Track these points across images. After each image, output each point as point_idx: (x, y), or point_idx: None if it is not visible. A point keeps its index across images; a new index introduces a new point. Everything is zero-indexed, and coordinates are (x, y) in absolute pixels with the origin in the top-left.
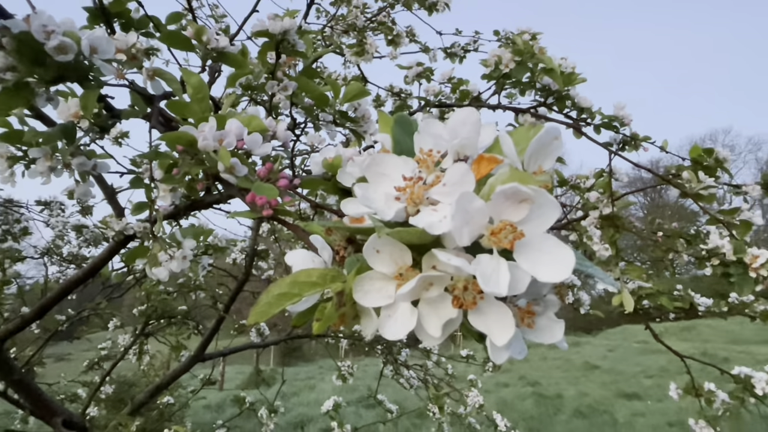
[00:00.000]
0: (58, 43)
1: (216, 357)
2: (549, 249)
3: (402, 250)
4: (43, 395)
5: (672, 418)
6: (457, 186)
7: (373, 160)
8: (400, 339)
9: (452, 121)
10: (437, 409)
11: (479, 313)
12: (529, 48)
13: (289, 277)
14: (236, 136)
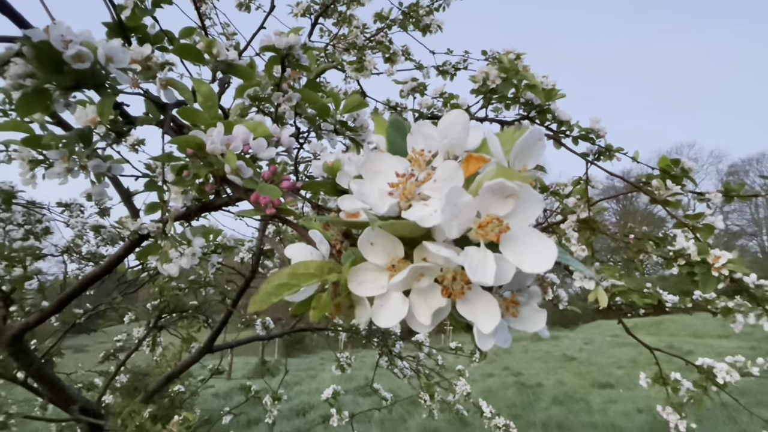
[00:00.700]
0: (75, 52)
1: (224, 349)
2: (533, 242)
3: (394, 243)
4: (60, 384)
5: (641, 405)
6: (447, 182)
7: (368, 158)
8: (392, 327)
9: (443, 123)
10: (428, 396)
11: (467, 303)
12: (514, 66)
13: (288, 268)
14: (242, 141)
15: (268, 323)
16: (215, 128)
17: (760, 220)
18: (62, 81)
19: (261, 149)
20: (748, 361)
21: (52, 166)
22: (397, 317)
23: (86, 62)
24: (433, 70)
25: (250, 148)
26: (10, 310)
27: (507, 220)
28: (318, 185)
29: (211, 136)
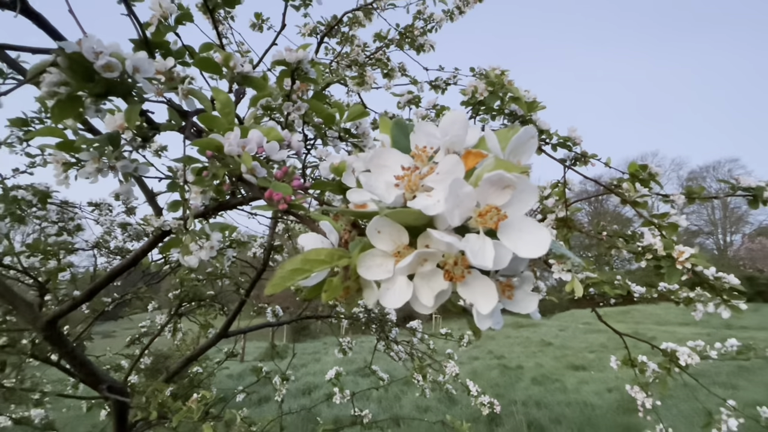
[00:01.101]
0: (105, 62)
1: (238, 334)
2: (528, 229)
3: (400, 231)
4: (91, 365)
5: (611, 385)
6: (449, 174)
7: (375, 153)
8: (395, 309)
9: (443, 122)
10: (421, 377)
11: (467, 286)
12: (500, 80)
13: (300, 255)
14: (257, 144)
15: (277, 311)
16: (232, 132)
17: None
18: (93, 89)
19: (274, 151)
20: (707, 345)
21: (84, 167)
22: (403, 299)
23: (115, 72)
24: (427, 84)
25: (263, 150)
26: (45, 298)
27: (505, 210)
28: (325, 184)
29: (229, 139)
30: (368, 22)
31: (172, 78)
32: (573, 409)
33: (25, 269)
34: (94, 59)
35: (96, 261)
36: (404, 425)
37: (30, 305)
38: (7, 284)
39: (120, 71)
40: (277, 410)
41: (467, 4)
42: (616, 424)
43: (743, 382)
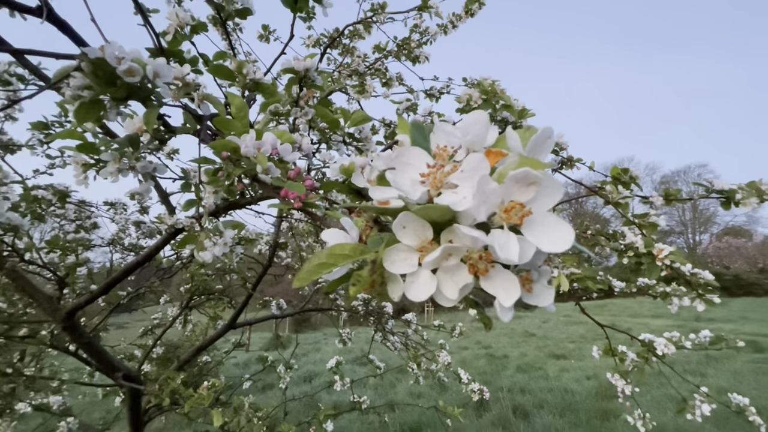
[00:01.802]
0: (127, 67)
1: (245, 325)
2: (551, 225)
3: (424, 227)
4: (107, 354)
5: (589, 373)
6: (474, 172)
7: (400, 152)
8: (422, 300)
9: (464, 122)
10: (415, 365)
11: (490, 280)
12: (493, 89)
13: (326, 249)
14: (271, 146)
15: (281, 304)
16: (248, 135)
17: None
18: (115, 93)
19: (287, 153)
20: (681, 336)
21: (105, 167)
22: (428, 292)
23: (136, 77)
24: (422, 93)
25: (277, 152)
26: (64, 292)
27: (529, 206)
28: (334, 185)
29: (245, 141)
30: (367, 35)
31: (188, 84)
32: (555, 395)
33: (45, 264)
34: (117, 64)
35: (112, 257)
36: (399, 410)
37: (50, 298)
38: (28, 278)
39: (141, 76)
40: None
41: (459, 19)
42: (594, 409)
43: (711, 370)
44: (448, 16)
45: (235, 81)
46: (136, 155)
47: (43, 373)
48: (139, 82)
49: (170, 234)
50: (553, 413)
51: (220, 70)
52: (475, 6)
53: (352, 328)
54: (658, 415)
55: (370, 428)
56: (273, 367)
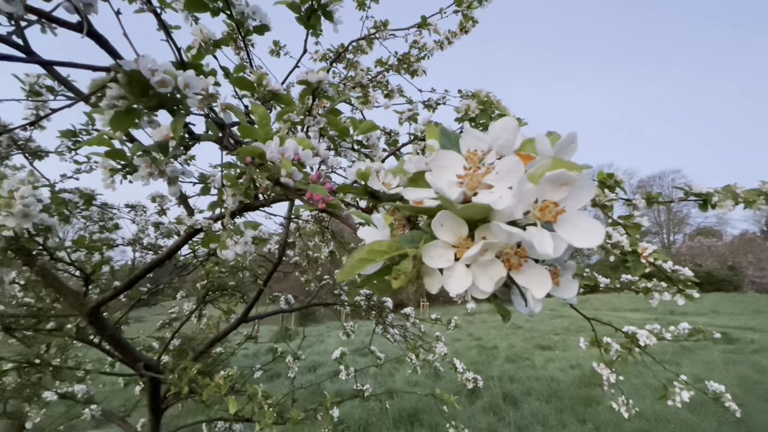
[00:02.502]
0: (160, 79)
1: (256, 319)
2: (583, 222)
3: (460, 224)
4: (129, 346)
5: (573, 363)
6: (509, 173)
7: (436, 156)
8: (459, 293)
9: (494, 128)
10: (414, 356)
11: (522, 273)
12: (489, 100)
13: (366, 246)
14: (293, 151)
15: (289, 299)
16: (272, 141)
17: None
18: (147, 102)
19: (308, 158)
20: (662, 328)
21: (138, 171)
22: (465, 285)
23: (168, 87)
24: (420, 104)
25: (299, 157)
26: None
27: (562, 204)
28: (350, 188)
29: (270, 147)
30: (370, 50)
31: (211, 94)
32: (541, 383)
33: (72, 262)
34: (151, 76)
35: (134, 255)
36: (397, 398)
37: (76, 294)
38: (56, 275)
39: (172, 87)
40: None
41: (455, 36)
42: (578, 396)
43: (686, 360)
44: (444, 33)
45: (255, 92)
46: (166, 160)
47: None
48: (170, 92)
49: (189, 234)
50: (540, 400)
51: (241, 81)
52: (469, 24)
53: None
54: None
55: (371, 414)
56: (282, 357)
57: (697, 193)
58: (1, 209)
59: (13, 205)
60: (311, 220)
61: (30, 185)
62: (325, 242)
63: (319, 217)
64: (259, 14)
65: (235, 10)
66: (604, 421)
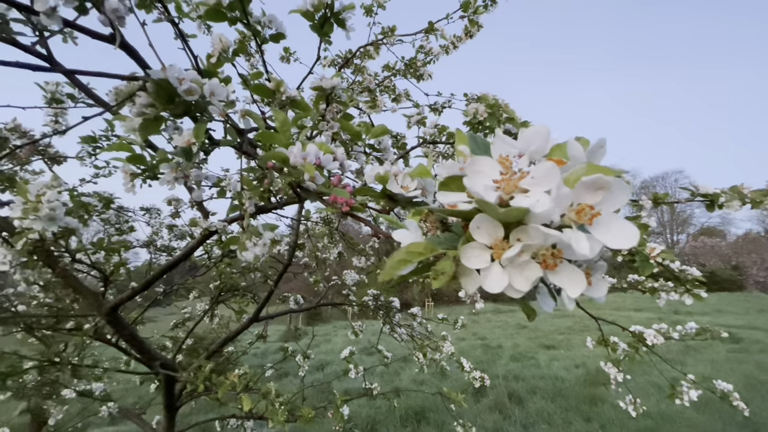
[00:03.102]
0: (188, 87)
1: (267, 319)
2: (617, 225)
3: (497, 227)
4: (146, 345)
5: (578, 362)
6: (545, 178)
7: (472, 161)
8: (497, 292)
9: (526, 134)
10: (422, 355)
11: (558, 274)
12: (498, 103)
13: (404, 248)
14: (315, 156)
15: (298, 299)
16: (294, 146)
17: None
18: (174, 110)
19: (328, 162)
20: (669, 328)
21: (164, 176)
22: (502, 285)
23: (195, 95)
24: (427, 108)
25: (320, 161)
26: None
27: (598, 208)
28: (367, 190)
29: (293, 152)
30: (376, 56)
31: (231, 102)
32: (546, 382)
33: (93, 263)
34: (178, 85)
35: (151, 257)
36: (404, 396)
37: (96, 294)
38: (76, 276)
39: (199, 95)
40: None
41: (460, 40)
42: (583, 395)
43: (690, 359)
44: (449, 38)
45: (273, 98)
46: (191, 165)
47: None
48: (196, 100)
49: (204, 236)
50: (546, 398)
51: (260, 89)
52: (474, 28)
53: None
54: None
55: (378, 412)
56: (292, 356)
57: (704, 193)
58: (28, 213)
59: (40, 208)
60: (320, 222)
61: (55, 189)
62: (333, 243)
63: (327, 219)
64: (276, 22)
65: (251, 19)
66: (609, 420)
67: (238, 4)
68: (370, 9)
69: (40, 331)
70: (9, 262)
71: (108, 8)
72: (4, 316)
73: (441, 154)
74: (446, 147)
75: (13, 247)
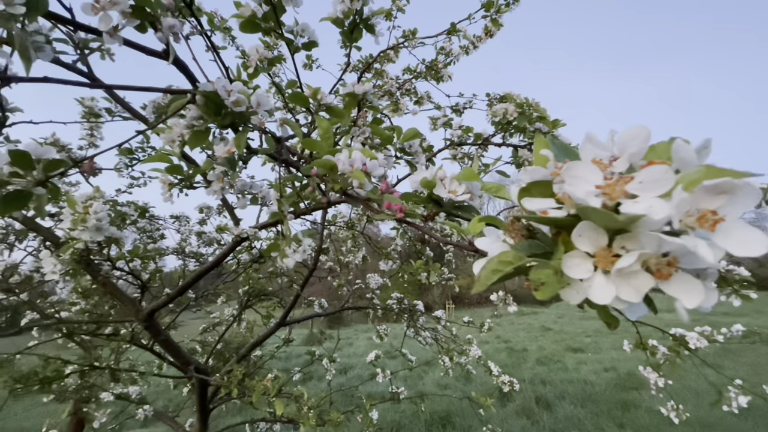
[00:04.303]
0: (236, 99)
1: (293, 323)
2: (741, 231)
3: (600, 234)
4: (181, 350)
5: (607, 365)
6: (657, 183)
7: (570, 167)
8: (605, 304)
9: (624, 137)
10: (448, 359)
11: (671, 284)
12: (528, 102)
13: (495, 257)
14: (362, 162)
15: (323, 303)
16: (341, 154)
17: None
18: (222, 121)
19: (375, 168)
20: (713, 330)
21: (211, 186)
22: (610, 295)
23: (242, 107)
24: (449, 109)
25: (366, 168)
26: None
27: (720, 213)
28: (413, 196)
29: (340, 160)
30: (396, 59)
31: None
32: (575, 386)
33: (131, 271)
34: (227, 97)
35: (184, 264)
36: (428, 400)
37: (133, 301)
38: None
39: (246, 105)
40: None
41: (480, 40)
42: (615, 400)
43: (729, 362)
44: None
45: (309, 106)
46: (237, 175)
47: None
48: (244, 111)
49: (236, 242)
50: (575, 404)
51: (297, 97)
52: (495, 28)
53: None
54: None
55: (403, 416)
56: (318, 360)
57: None
58: (77, 224)
59: (87, 219)
60: (343, 226)
61: (100, 201)
62: (357, 247)
63: (350, 223)
64: (308, 31)
65: (284, 29)
66: (645, 426)
67: (272, 14)
68: (389, 13)
69: (79, 336)
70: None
71: (165, 26)
72: (50, 323)
73: (467, 155)
74: (471, 148)
75: (60, 256)
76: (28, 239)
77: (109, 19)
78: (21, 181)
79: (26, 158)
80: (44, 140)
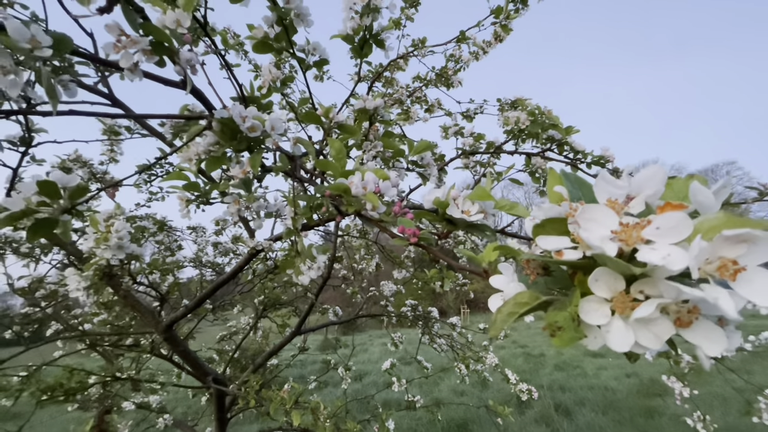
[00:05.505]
0: (251, 125)
1: (308, 332)
2: (763, 279)
3: (617, 279)
4: (199, 360)
5: (628, 371)
6: (674, 230)
7: (585, 210)
8: (624, 351)
9: (638, 177)
10: (464, 366)
11: (693, 331)
12: (540, 110)
13: (512, 299)
14: (374, 184)
15: (337, 311)
16: (354, 176)
17: None
18: (237, 146)
19: (387, 190)
20: (742, 334)
21: (228, 208)
22: (629, 342)
23: (257, 132)
24: (459, 115)
25: (379, 189)
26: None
27: (741, 262)
28: (426, 214)
29: (353, 183)
30: (406, 67)
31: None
32: (595, 392)
33: (151, 284)
34: (242, 123)
35: (202, 275)
36: (445, 407)
37: (153, 313)
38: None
39: (261, 130)
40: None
41: (490, 45)
42: (638, 407)
43: (757, 367)
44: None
45: (322, 124)
46: (253, 197)
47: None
48: (259, 135)
49: (251, 254)
50: (596, 411)
51: (310, 116)
52: (505, 33)
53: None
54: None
55: (419, 424)
56: (334, 369)
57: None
58: (99, 242)
59: (110, 238)
60: (356, 235)
61: (122, 219)
62: (370, 256)
63: (363, 231)
64: (319, 49)
65: (296, 48)
66: None
67: (284, 35)
68: (398, 22)
69: (102, 347)
70: (82, 288)
71: (182, 59)
72: (74, 335)
73: (479, 163)
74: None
75: (83, 273)
76: (52, 252)
77: (130, 57)
78: (48, 209)
79: (53, 188)
80: (67, 156)
